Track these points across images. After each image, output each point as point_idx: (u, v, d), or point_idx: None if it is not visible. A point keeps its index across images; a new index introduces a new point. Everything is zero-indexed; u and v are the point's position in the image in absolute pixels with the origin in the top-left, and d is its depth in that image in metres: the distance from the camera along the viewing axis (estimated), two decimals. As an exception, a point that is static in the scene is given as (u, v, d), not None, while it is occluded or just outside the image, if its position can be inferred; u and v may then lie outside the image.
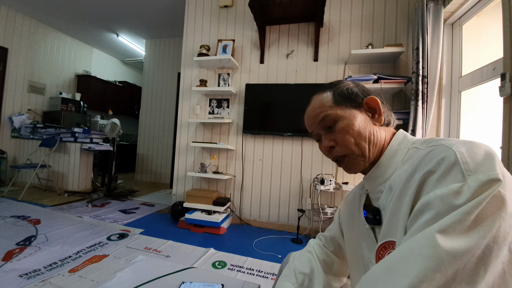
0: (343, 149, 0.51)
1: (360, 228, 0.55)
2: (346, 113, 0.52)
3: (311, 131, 0.59)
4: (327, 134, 0.54)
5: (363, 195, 0.56)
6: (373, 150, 0.51)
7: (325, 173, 2.36)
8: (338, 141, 0.52)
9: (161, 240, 2.00)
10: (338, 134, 0.51)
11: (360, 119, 0.51)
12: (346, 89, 0.54)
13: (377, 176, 0.51)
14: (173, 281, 1.43)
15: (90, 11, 3.71)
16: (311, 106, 0.57)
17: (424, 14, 1.78)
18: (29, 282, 1.32)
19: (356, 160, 0.51)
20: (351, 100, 0.53)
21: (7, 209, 2.53)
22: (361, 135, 0.50)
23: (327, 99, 0.54)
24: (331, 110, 0.53)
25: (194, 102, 2.82)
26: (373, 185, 0.52)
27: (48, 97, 4.34)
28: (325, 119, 0.53)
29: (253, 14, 2.37)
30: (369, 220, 0.51)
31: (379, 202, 0.49)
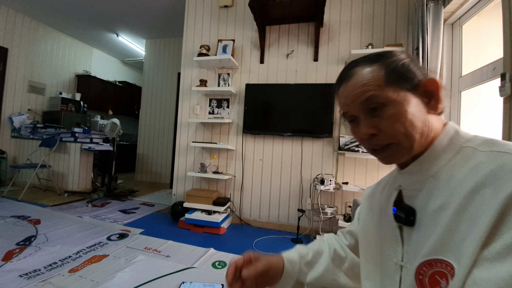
0: (388, 138, 0.43)
1: (384, 224, 0.50)
2: (399, 97, 0.42)
3: (345, 111, 0.48)
4: (368, 118, 0.44)
5: (395, 190, 0.49)
6: (422, 142, 0.43)
7: (325, 173, 2.36)
8: (384, 129, 0.43)
9: (161, 240, 2.00)
10: (385, 121, 0.42)
11: (414, 105, 0.42)
12: (401, 65, 0.44)
13: (417, 172, 0.45)
14: (173, 281, 1.43)
15: (90, 11, 3.71)
16: (352, 82, 0.45)
17: (424, 14, 1.78)
18: (29, 282, 1.32)
19: (402, 151, 0.43)
20: (407, 80, 0.43)
21: (7, 209, 2.53)
22: (414, 125, 0.41)
23: (376, 75, 0.43)
24: (380, 90, 0.42)
25: (194, 102, 2.82)
26: (410, 182, 0.46)
27: (48, 97, 4.34)
28: (371, 100, 0.43)
29: (253, 14, 2.37)
30: (399, 218, 0.46)
31: (415, 201, 0.44)
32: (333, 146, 2.38)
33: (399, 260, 0.44)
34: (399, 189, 0.48)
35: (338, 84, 0.49)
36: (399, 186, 0.49)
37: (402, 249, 0.45)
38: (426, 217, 0.40)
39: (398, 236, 0.46)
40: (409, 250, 0.43)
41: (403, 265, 0.43)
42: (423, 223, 0.41)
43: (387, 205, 0.51)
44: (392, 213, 0.47)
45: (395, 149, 0.43)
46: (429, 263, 0.37)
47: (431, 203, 0.40)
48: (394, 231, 0.47)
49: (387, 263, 0.47)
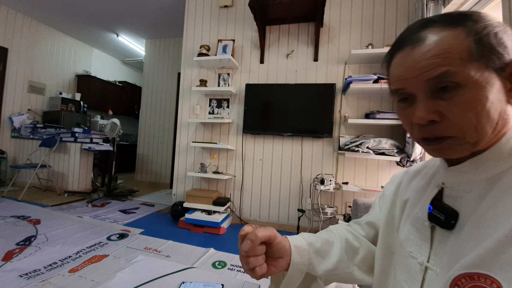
0: (451, 130, 0.34)
1: (410, 219, 0.45)
2: (482, 77, 0.32)
3: (400, 87, 0.38)
4: (431, 99, 0.34)
5: (435, 187, 0.43)
6: (491, 137, 0.35)
7: (325, 173, 2.36)
8: (450, 116, 0.33)
9: (161, 240, 2.00)
10: (455, 107, 0.33)
11: (496, 92, 0.32)
12: (494, 34, 0.32)
13: (471, 172, 0.37)
14: (173, 281, 1.43)
15: (90, 11, 3.71)
16: (422, 48, 0.34)
17: (424, 14, 1.78)
18: (29, 282, 1.32)
19: (462, 146, 0.35)
20: (497, 57, 0.32)
21: (7, 209, 2.53)
22: (489, 117, 0.33)
23: (460, 44, 0.32)
24: (461, 66, 0.32)
25: (194, 102, 2.82)
26: (459, 181, 0.39)
27: (48, 97, 4.34)
28: (444, 78, 0.32)
29: (253, 14, 2.37)
30: (434, 218, 0.40)
31: (459, 203, 0.38)
32: (333, 146, 2.38)
33: (424, 261, 0.41)
34: (442, 187, 0.42)
35: (397, 47, 0.38)
36: (442, 183, 0.42)
37: (429, 250, 0.41)
38: (473, 224, 0.34)
39: (427, 236, 0.41)
40: (440, 253, 0.39)
41: (429, 267, 0.40)
42: (466, 229, 0.35)
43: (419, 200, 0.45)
44: (426, 211, 0.42)
45: (455, 143, 0.35)
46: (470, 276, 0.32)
47: (482, 209, 0.34)
48: (423, 230, 0.42)
49: (406, 260, 0.44)
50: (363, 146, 2.05)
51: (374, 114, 2.10)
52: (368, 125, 2.26)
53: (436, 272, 0.38)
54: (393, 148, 2.02)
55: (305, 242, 0.50)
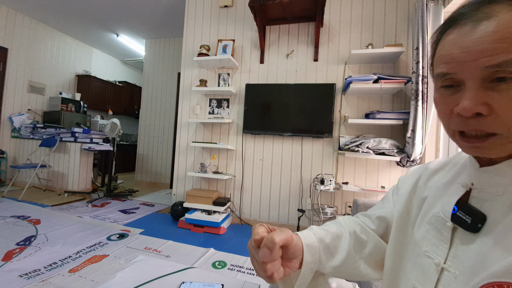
0: (498, 126, 0.31)
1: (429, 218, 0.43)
2: None
3: (449, 71, 0.33)
4: (481, 90, 0.31)
5: (463, 187, 0.40)
6: None
7: (325, 173, 2.36)
8: (501, 111, 0.30)
9: (161, 240, 2.00)
10: (509, 102, 0.29)
11: None
12: None
13: (505, 174, 0.35)
14: (173, 281, 1.43)
15: (90, 11, 3.71)
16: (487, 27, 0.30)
17: (424, 14, 1.78)
18: (29, 282, 1.32)
19: (504, 146, 0.32)
20: None
21: (7, 209, 2.53)
22: None
23: None
24: None
25: (194, 102, 2.82)
26: (490, 183, 0.36)
27: (48, 97, 4.34)
28: (506, 67, 0.29)
29: (253, 14, 2.37)
30: (459, 220, 0.38)
31: (487, 206, 0.36)
32: (333, 146, 2.38)
33: (441, 262, 0.39)
34: (470, 187, 0.39)
35: (453, 22, 0.34)
36: (471, 184, 0.39)
37: (447, 252, 0.39)
38: (503, 230, 0.32)
39: (447, 237, 0.39)
40: (461, 256, 0.37)
41: (446, 268, 0.38)
42: (495, 234, 0.33)
43: (443, 196, 0.43)
44: (450, 211, 0.40)
45: (498, 143, 0.32)
46: (499, 285, 0.30)
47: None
48: (443, 230, 0.40)
49: (420, 259, 0.42)
50: (363, 146, 2.05)
51: (374, 114, 2.10)
52: (368, 125, 2.26)
53: (455, 275, 0.37)
54: (393, 148, 2.02)
55: (316, 239, 0.47)
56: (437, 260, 0.39)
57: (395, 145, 2.04)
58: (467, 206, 0.38)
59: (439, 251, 0.40)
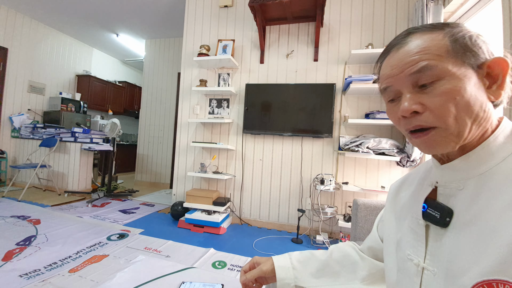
0: (433, 120, 0.37)
1: (406, 220, 0.47)
2: (459, 71, 0.36)
3: (387, 85, 0.42)
4: (415, 93, 0.38)
5: (429, 186, 0.44)
6: (474, 131, 0.37)
7: (325, 173, 2.36)
8: (432, 107, 0.36)
9: (161, 240, 2.00)
10: (435, 98, 0.36)
11: (473, 85, 0.36)
12: (469, 37, 0.37)
13: (462, 169, 0.39)
14: (173, 281, 1.43)
15: (90, 11, 3.71)
16: (404, 49, 0.39)
17: (424, 14, 1.78)
18: (29, 282, 1.32)
19: (446, 138, 0.37)
20: (472, 55, 0.36)
21: (7, 209, 2.53)
22: (469, 108, 0.35)
23: (439, 43, 0.37)
24: (439, 61, 0.36)
25: (194, 102, 2.82)
26: (451, 179, 0.40)
27: (48, 97, 4.34)
28: (424, 72, 0.36)
29: (253, 14, 2.37)
30: (429, 217, 0.41)
31: (452, 201, 0.39)
32: (333, 146, 2.38)
33: (421, 262, 0.41)
34: (435, 185, 0.43)
35: (386, 53, 0.43)
36: (435, 182, 0.43)
37: (425, 250, 0.41)
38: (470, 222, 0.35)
39: (422, 235, 0.42)
40: (436, 253, 0.39)
41: (426, 267, 0.40)
42: (464, 227, 0.36)
43: (414, 200, 0.47)
44: (420, 210, 0.43)
45: (438, 135, 0.37)
46: (488, 284, 0.31)
47: (480, 206, 0.35)
48: (417, 229, 0.43)
49: (405, 263, 0.44)
50: (363, 146, 2.05)
51: (374, 114, 2.10)
52: (368, 125, 2.26)
53: (434, 272, 0.38)
54: (393, 148, 2.02)
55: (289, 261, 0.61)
56: (417, 260, 0.41)
57: (395, 145, 2.04)
58: (435, 202, 0.41)
59: (418, 252, 0.42)
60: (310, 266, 0.60)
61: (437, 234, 0.40)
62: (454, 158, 0.40)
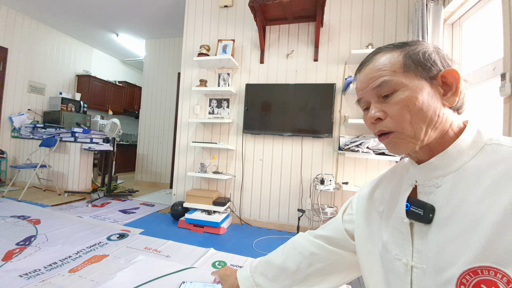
0: (392, 125, 0.43)
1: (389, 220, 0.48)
2: (412, 83, 0.42)
3: (360, 97, 0.49)
4: (378, 103, 0.45)
5: (410, 186, 0.47)
6: (431, 133, 0.42)
7: (325, 173, 2.36)
8: (390, 114, 0.43)
9: (161, 240, 2.00)
10: (393, 106, 0.43)
11: (426, 94, 0.41)
12: (422, 53, 0.43)
13: (437, 168, 0.43)
14: (173, 281, 1.43)
15: (90, 11, 3.71)
16: (370, 67, 0.46)
17: (424, 14, 1.78)
18: (29, 282, 1.32)
19: (404, 140, 0.43)
20: (425, 69, 0.42)
21: (7, 209, 2.53)
22: (422, 114, 0.41)
23: (394, 61, 0.44)
24: (393, 76, 0.43)
25: (194, 102, 2.82)
26: (428, 177, 0.44)
27: (48, 97, 4.34)
28: (383, 86, 0.43)
29: (253, 14, 2.37)
30: (413, 215, 0.43)
31: (432, 197, 0.42)
32: (333, 146, 2.38)
33: (409, 260, 0.42)
34: (415, 184, 0.46)
35: (358, 70, 0.50)
36: (415, 181, 0.46)
37: (412, 248, 0.42)
38: (452, 216, 0.37)
39: (407, 234, 0.44)
40: (423, 249, 0.41)
41: (414, 265, 0.41)
42: (446, 222, 0.38)
43: (396, 200, 0.49)
44: (403, 209, 0.45)
45: (398, 137, 0.43)
46: (474, 271, 0.33)
47: (458, 200, 0.38)
48: (403, 228, 0.45)
49: (393, 264, 0.44)
50: (363, 146, 2.05)
51: (374, 114, 2.10)
52: (368, 125, 2.25)
53: (423, 269, 0.39)
54: (393, 148, 2.02)
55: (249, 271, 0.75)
56: (405, 259, 0.43)
57: (395, 145, 2.03)
58: (417, 201, 0.44)
59: (405, 251, 0.43)
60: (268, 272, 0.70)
61: (422, 231, 0.42)
62: (425, 159, 0.45)
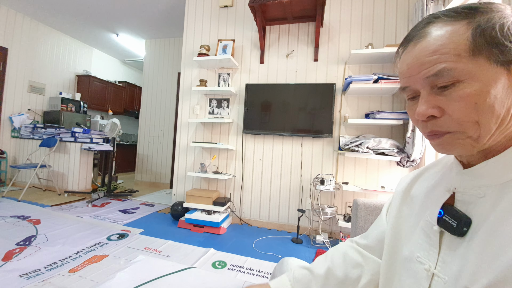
0: (451, 125, 0.33)
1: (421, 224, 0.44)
2: (483, 73, 0.31)
3: (405, 85, 0.38)
4: (432, 95, 0.35)
5: (447, 192, 0.41)
6: (497, 136, 0.33)
7: (325, 173, 2.36)
8: (450, 112, 0.33)
9: (161, 240, 2.00)
10: (454, 102, 0.32)
11: (501, 86, 0.31)
12: (500, 26, 0.31)
13: (485, 176, 0.35)
14: (173, 281, 1.43)
15: (90, 11, 3.71)
16: (421, 45, 0.34)
17: (424, 14, 1.78)
18: (29, 282, 1.32)
19: (462, 141, 0.34)
20: (502, 50, 0.30)
21: (7, 209, 2.53)
22: (493, 113, 0.31)
23: (459, 40, 0.32)
24: (457, 61, 0.31)
25: (194, 102, 2.82)
26: (472, 185, 0.37)
27: (48, 97, 4.34)
28: (441, 75, 0.32)
29: (253, 14, 2.37)
30: (445, 224, 0.38)
31: (471, 208, 0.36)
32: (333, 146, 2.38)
33: (431, 267, 0.39)
34: (453, 191, 0.40)
35: (403, 45, 0.38)
36: (454, 188, 0.40)
37: (437, 256, 0.39)
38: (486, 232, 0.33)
39: (436, 241, 0.40)
40: (449, 261, 0.37)
41: (436, 274, 0.38)
42: (479, 237, 0.33)
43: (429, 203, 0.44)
44: (435, 215, 0.40)
45: (456, 138, 0.34)
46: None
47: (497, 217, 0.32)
48: (431, 235, 0.41)
49: (414, 265, 0.42)
50: (363, 146, 2.04)
51: (374, 114, 2.10)
52: (368, 125, 2.26)
53: (444, 280, 0.37)
54: (393, 148, 2.02)
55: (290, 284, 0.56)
56: (427, 265, 0.40)
57: (395, 145, 2.04)
58: (453, 210, 0.38)
59: (429, 256, 0.40)
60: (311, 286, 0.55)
61: (451, 243, 0.37)
62: (476, 162, 0.37)
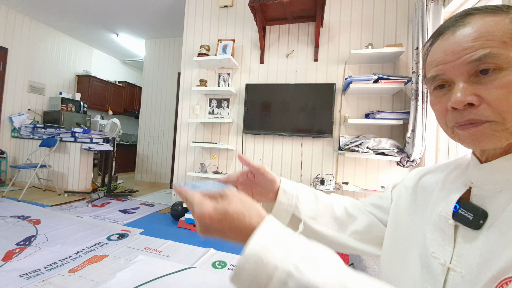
0: (490, 114, 0.33)
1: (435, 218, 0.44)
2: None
3: (438, 73, 0.37)
4: (469, 83, 0.34)
5: (463, 186, 0.42)
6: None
7: (325, 173, 2.35)
8: (490, 100, 0.33)
9: (161, 240, 2.00)
10: (495, 90, 0.32)
11: None
12: None
13: (503, 170, 0.36)
14: (173, 281, 1.43)
15: (90, 11, 3.71)
16: (463, 32, 0.34)
17: (424, 14, 1.78)
18: (29, 282, 1.32)
19: (499, 133, 0.33)
20: None
21: (7, 209, 2.53)
22: None
23: (503, 28, 0.32)
24: (503, 48, 0.32)
25: (194, 102, 2.82)
26: (489, 180, 0.38)
27: (48, 97, 4.34)
28: (485, 60, 0.32)
29: (253, 14, 2.37)
30: (460, 217, 0.39)
31: (488, 203, 0.37)
32: (333, 146, 2.38)
33: (447, 262, 0.39)
34: (470, 186, 0.40)
35: (438, 35, 0.37)
36: (470, 182, 0.40)
37: (452, 250, 0.40)
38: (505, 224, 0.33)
39: (451, 235, 0.40)
40: (465, 254, 0.38)
41: (452, 268, 0.38)
42: (497, 230, 0.34)
43: (444, 197, 0.44)
44: (451, 210, 0.40)
45: (492, 129, 0.33)
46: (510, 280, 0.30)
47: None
48: (446, 229, 0.41)
49: (429, 260, 0.42)
50: (363, 146, 2.04)
51: (374, 114, 2.10)
52: (368, 125, 2.26)
53: (462, 274, 0.37)
54: (393, 148, 2.02)
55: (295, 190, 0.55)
56: (443, 260, 0.40)
57: (395, 145, 2.04)
58: (469, 204, 0.38)
59: (444, 251, 0.40)
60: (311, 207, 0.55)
61: (467, 236, 0.38)
62: (495, 157, 0.37)
